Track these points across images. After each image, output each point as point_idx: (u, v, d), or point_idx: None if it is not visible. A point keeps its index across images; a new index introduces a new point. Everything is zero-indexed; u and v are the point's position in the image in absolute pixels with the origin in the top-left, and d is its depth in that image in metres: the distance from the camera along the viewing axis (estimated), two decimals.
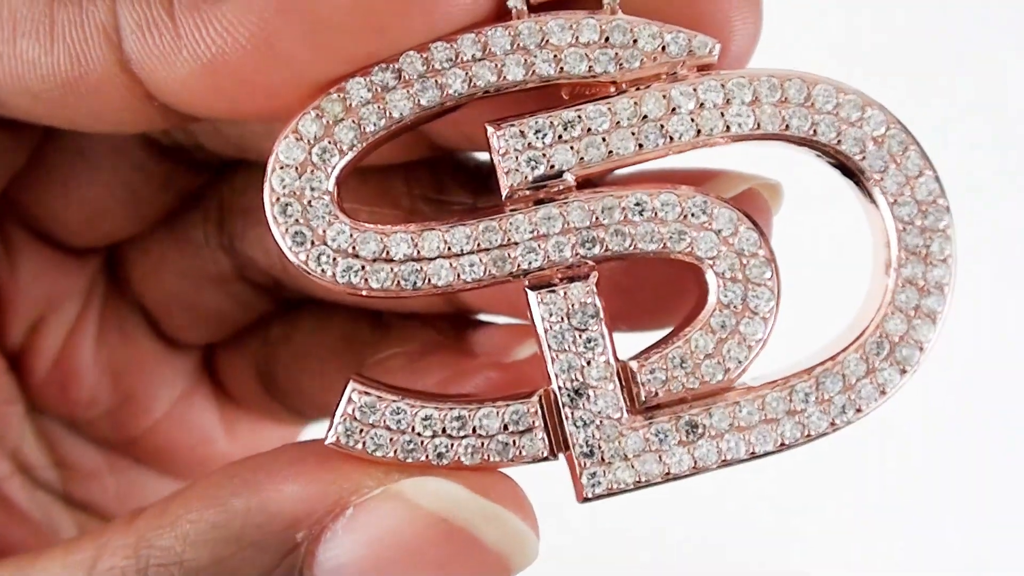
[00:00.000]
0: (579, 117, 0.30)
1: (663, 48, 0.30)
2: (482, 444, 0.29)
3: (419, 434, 0.29)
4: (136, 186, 0.38)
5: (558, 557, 0.38)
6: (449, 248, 0.29)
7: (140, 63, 0.29)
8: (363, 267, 0.29)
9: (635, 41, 0.29)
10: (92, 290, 0.41)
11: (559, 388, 0.30)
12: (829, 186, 0.32)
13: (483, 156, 0.36)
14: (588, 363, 0.30)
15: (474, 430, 0.29)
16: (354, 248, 0.29)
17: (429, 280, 0.29)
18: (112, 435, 0.41)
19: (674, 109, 0.30)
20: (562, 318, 0.30)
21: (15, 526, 0.37)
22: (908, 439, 0.72)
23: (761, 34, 0.33)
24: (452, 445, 0.29)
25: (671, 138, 0.30)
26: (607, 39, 0.29)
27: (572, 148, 0.30)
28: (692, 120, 0.30)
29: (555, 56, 0.29)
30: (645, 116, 0.30)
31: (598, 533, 0.65)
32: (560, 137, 0.30)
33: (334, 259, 0.29)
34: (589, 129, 0.30)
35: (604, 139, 0.30)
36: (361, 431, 0.29)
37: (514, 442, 0.30)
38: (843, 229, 0.33)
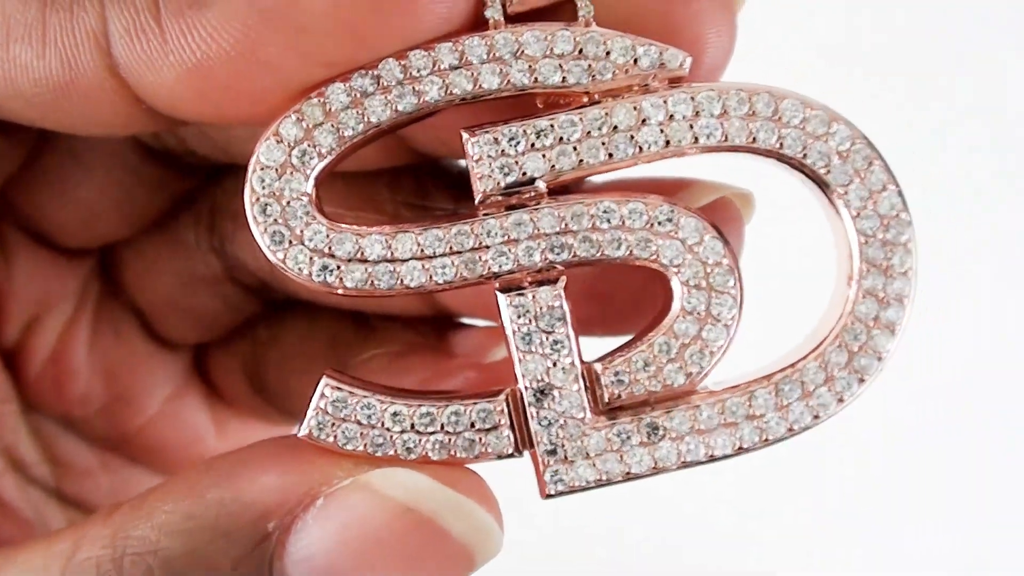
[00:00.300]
0: (552, 126, 0.30)
1: (635, 61, 0.30)
2: (449, 440, 0.30)
3: (388, 429, 0.30)
4: (129, 188, 0.39)
5: (520, 552, 0.39)
6: (422, 250, 0.30)
7: (128, 68, 0.29)
8: (338, 267, 0.30)
9: (608, 53, 0.30)
10: (86, 290, 0.41)
11: (525, 388, 0.31)
12: (796, 196, 0.33)
13: (465, 163, 0.37)
14: (554, 364, 0.31)
15: (442, 427, 0.30)
16: (330, 248, 0.30)
17: (402, 281, 0.30)
18: (105, 433, 0.42)
19: (644, 120, 0.30)
20: (530, 320, 0.31)
21: (5, 522, 0.38)
22: (868, 443, 0.73)
23: (734, 48, 0.33)
24: (420, 440, 0.30)
25: (640, 148, 0.31)
26: (581, 51, 0.30)
27: (544, 156, 0.30)
28: (661, 131, 0.31)
29: (530, 66, 0.30)
30: (615, 127, 0.30)
31: (561, 530, 0.66)
32: (533, 145, 0.30)
33: (311, 258, 0.30)
34: (561, 138, 0.30)
35: (575, 148, 0.30)
36: (332, 425, 0.30)
37: (480, 439, 0.31)
38: (810, 239, 0.34)
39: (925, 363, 0.71)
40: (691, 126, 0.31)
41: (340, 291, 0.31)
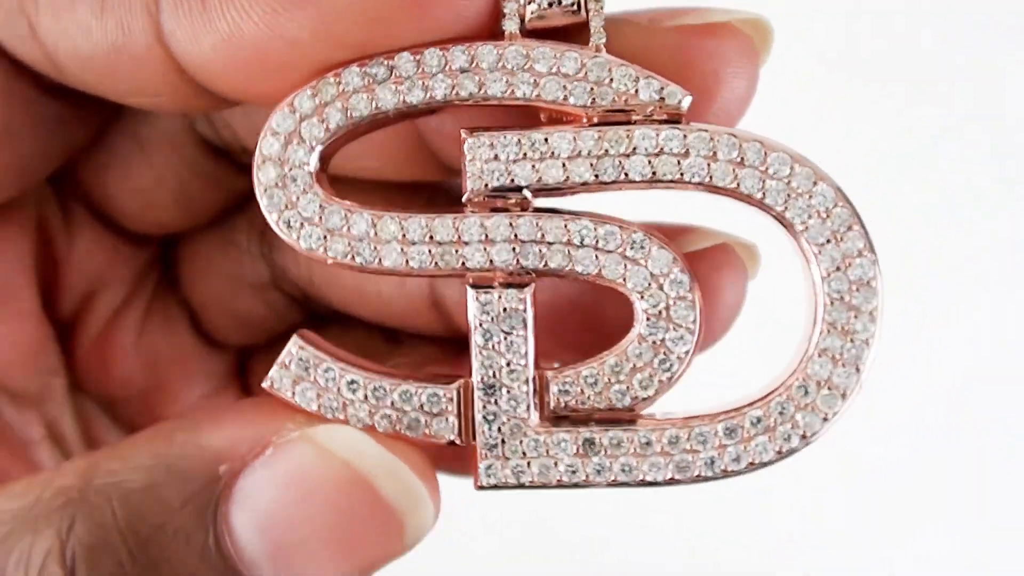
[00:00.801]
0: (545, 140, 0.32)
1: (635, 91, 0.32)
2: (396, 416, 0.32)
3: (342, 394, 0.32)
4: (186, 180, 0.41)
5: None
6: (404, 235, 0.32)
7: (172, 35, 0.32)
8: (324, 237, 0.32)
9: (611, 80, 0.32)
10: (143, 278, 0.43)
11: (477, 381, 0.32)
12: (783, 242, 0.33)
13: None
14: (507, 364, 0.32)
15: (392, 403, 0.32)
16: (320, 219, 0.32)
17: (380, 260, 0.32)
18: (140, 420, 0.43)
19: (634, 149, 0.32)
20: (493, 318, 0.32)
21: None
22: (859, 446, 0.72)
23: (753, 97, 0.34)
24: (369, 411, 0.32)
25: (627, 175, 0.32)
26: (586, 74, 0.32)
27: (534, 167, 0.32)
28: (649, 163, 0.32)
29: (535, 80, 0.32)
30: (606, 151, 0.32)
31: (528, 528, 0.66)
32: (525, 155, 0.32)
33: (301, 224, 0.32)
34: (553, 153, 0.32)
35: (564, 165, 0.32)
36: (294, 381, 0.32)
37: (426, 421, 0.32)
38: (797, 282, 0.35)
39: (924, 368, 0.71)
40: (678, 162, 0.32)
41: (329, 261, 0.33)
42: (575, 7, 0.32)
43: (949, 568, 0.74)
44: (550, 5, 0.32)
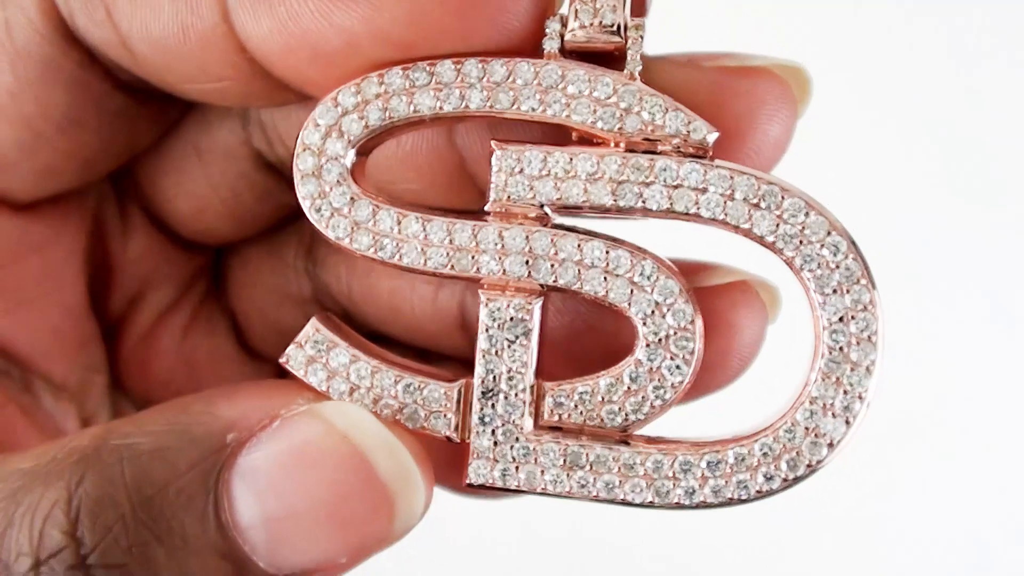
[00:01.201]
0: (570, 160, 0.33)
1: (663, 122, 0.32)
2: (399, 406, 0.34)
3: (349, 379, 0.34)
4: (239, 191, 0.43)
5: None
6: (426, 235, 0.34)
7: (236, 14, 0.34)
8: (352, 228, 0.34)
9: (640, 109, 0.32)
10: (191, 285, 0.45)
11: (477, 383, 0.33)
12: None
13: None
14: (508, 371, 0.33)
15: (395, 393, 0.34)
16: (350, 210, 0.34)
17: (401, 256, 0.34)
18: None
19: (655, 179, 0.32)
20: (500, 325, 0.33)
21: None
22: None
23: (788, 144, 0.34)
24: (374, 398, 0.34)
25: (644, 203, 0.32)
26: (616, 100, 0.32)
27: (555, 185, 0.33)
28: (667, 194, 0.32)
29: (567, 102, 0.33)
30: (627, 178, 0.32)
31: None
32: (549, 172, 0.33)
33: (331, 214, 0.34)
34: (576, 173, 0.33)
35: (586, 187, 0.33)
36: (307, 361, 0.34)
37: (425, 415, 0.34)
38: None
39: (925, 367, 0.71)
40: (696, 197, 0.32)
41: (359, 254, 0.34)
42: (615, 28, 0.33)
43: (949, 568, 0.74)
44: (590, 25, 0.33)
